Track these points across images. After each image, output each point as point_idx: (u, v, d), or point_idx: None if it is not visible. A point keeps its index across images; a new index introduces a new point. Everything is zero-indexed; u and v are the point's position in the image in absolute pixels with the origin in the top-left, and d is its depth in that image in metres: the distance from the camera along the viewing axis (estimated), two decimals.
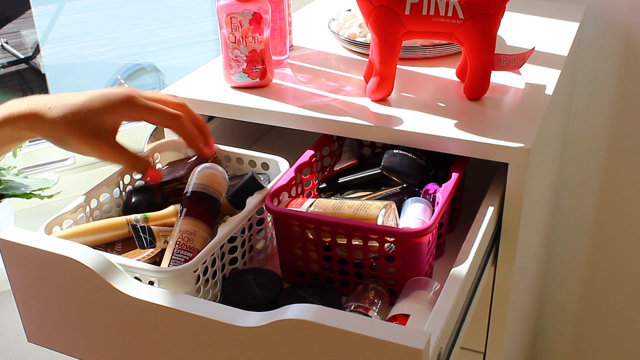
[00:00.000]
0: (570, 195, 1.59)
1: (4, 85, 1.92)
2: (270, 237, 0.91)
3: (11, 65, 1.95)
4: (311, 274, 0.86)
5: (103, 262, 0.71)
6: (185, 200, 0.81)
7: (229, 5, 0.97)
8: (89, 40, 2.11)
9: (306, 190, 0.95)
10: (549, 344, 1.82)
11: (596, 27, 1.40)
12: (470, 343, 1.03)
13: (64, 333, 0.79)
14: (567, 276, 1.69)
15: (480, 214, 0.85)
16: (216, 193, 0.82)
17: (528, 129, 0.89)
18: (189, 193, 0.81)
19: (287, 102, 0.99)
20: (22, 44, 2.02)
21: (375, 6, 0.92)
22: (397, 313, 0.74)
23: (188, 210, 0.79)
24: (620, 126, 1.47)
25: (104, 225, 0.82)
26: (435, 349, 0.64)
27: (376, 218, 0.79)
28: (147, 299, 0.69)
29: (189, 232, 0.77)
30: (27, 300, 0.79)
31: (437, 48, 1.11)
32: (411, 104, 0.97)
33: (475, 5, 0.91)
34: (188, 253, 0.76)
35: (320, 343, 0.62)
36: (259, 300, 0.79)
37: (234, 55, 1.00)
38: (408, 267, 0.80)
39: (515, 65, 1.03)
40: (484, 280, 0.88)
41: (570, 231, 1.63)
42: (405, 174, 0.90)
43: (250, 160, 0.96)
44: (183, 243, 0.76)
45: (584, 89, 1.46)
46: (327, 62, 1.14)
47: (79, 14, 2.19)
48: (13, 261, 0.76)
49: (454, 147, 0.88)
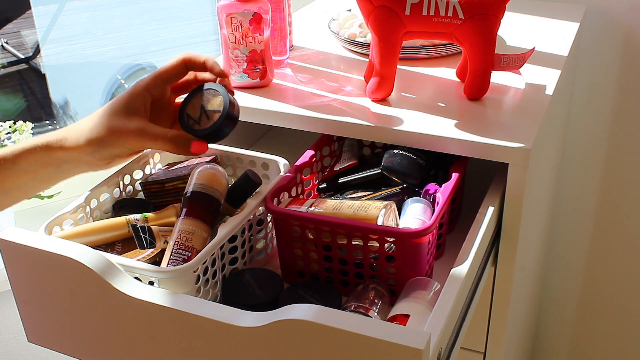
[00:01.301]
0: (570, 195, 1.59)
1: (4, 85, 1.92)
2: (270, 237, 0.91)
3: (11, 65, 1.95)
4: (311, 274, 0.86)
5: (103, 262, 0.71)
6: (186, 201, 0.81)
7: (229, 6, 0.97)
8: (89, 40, 2.11)
9: (306, 190, 0.95)
10: (549, 344, 1.82)
11: (596, 27, 1.40)
12: (470, 343, 1.02)
13: (64, 333, 0.79)
14: (567, 276, 1.69)
15: (480, 214, 0.85)
16: (216, 193, 0.82)
17: (528, 129, 0.89)
18: (188, 193, 0.81)
19: (287, 102, 0.99)
20: (22, 44, 2.02)
21: (375, 6, 0.92)
22: (397, 313, 0.74)
23: (188, 210, 0.79)
24: (620, 126, 1.47)
25: (104, 225, 0.82)
26: (435, 349, 0.64)
27: (376, 218, 0.79)
28: (147, 299, 0.69)
29: (188, 232, 0.77)
30: (27, 300, 0.79)
31: (437, 48, 1.11)
32: (411, 104, 0.97)
33: (475, 5, 0.91)
34: (186, 252, 0.76)
35: (320, 343, 0.62)
36: (259, 300, 0.79)
37: (234, 55, 1.00)
38: (408, 267, 0.80)
39: (515, 65, 1.03)
40: (484, 280, 0.88)
41: (570, 231, 1.63)
42: (405, 174, 0.90)
43: (250, 160, 0.96)
44: (182, 243, 0.76)
45: (584, 89, 1.46)
46: (327, 62, 1.14)
47: (79, 14, 2.19)
48: (13, 261, 0.76)
49: (454, 147, 0.88)
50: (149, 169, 0.97)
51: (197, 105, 0.77)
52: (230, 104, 0.76)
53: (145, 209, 0.87)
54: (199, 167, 0.84)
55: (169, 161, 0.99)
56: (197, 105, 0.77)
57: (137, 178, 0.94)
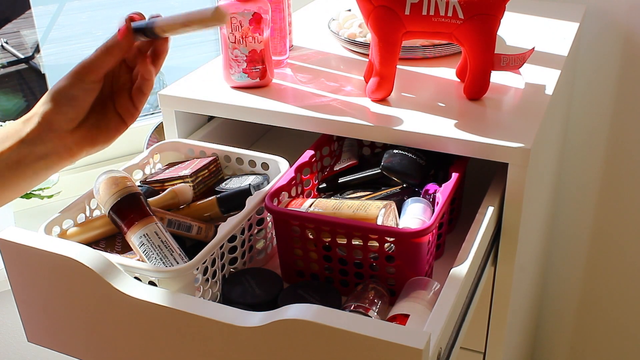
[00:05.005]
0: (570, 195, 1.59)
1: (4, 85, 1.92)
2: (270, 237, 0.91)
3: (11, 65, 1.95)
4: (311, 274, 0.86)
5: (103, 262, 0.71)
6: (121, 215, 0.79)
7: (229, 6, 0.97)
8: (89, 40, 2.11)
9: (306, 190, 0.95)
10: (549, 344, 1.82)
11: (596, 27, 1.40)
12: (470, 343, 1.02)
13: (63, 333, 0.79)
14: (567, 276, 1.69)
15: (480, 214, 0.85)
16: (131, 188, 0.79)
17: (528, 129, 0.89)
18: (114, 205, 0.78)
19: (287, 102, 0.98)
20: (22, 44, 2.02)
21: (375, 6, 0.92)
22: (397, 313, 0.74)
23: (127, 222, 0.78)
24: (620, 126, 1.47)
25: (104, 220, 0.83)
26: (435, 349, 0.64)
27: (376, 218, 0.79)
28: (147, 299, 0.69)
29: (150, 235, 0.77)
30: (27, 300, 0.79)
31: (437, 48, 1.11)
32: (411, 104, 0.97)
33: (475, 5, 0.91)
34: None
35: (320, 343, 0.62)
36: (259, 300, 0.79)
37: (234, 55, 1.00)
38: (408, 267, 0.80)
39: (515, 65, 1.03)
40: (484, 280, 0.88)
41: (570, 231, 1.63)
42: (405, 174, 0.90)
43: (250, 160, 0.96)
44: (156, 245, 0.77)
45: (584, 89, 1.46)
46: (327, 62, 1.14)
47: (79, 14, 2.19)
48: (13, 261, 0.76)
49: (454, 147, 0.88)
50: (149, 169, 0.97)
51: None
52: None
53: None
54: (98, 181, 0.81)
55: (169, 161, 0.99)
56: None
57: (137, 178, 0.94)
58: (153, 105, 1.76)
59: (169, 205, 0.85)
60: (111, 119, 0.74)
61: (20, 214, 1.47)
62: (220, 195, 0.87)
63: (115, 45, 0.71)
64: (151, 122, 1.56)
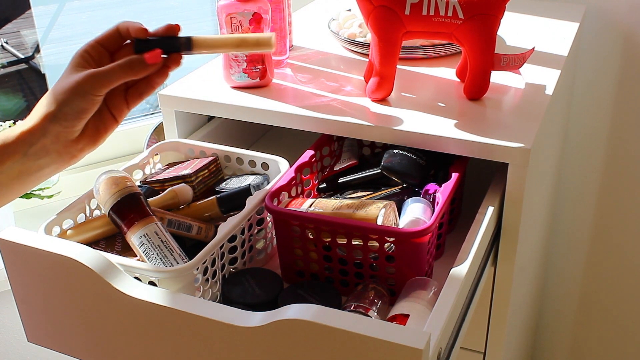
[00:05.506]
0: (570, 195, 1.59)
1: (4, 85, 1.92)
2: (270, 237, 0.91)
3: (11, 65, 1.95)
4: (311, 274, 0.86)
5: (103, 262, 0.71)
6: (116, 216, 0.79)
7: (229, 5, 0.97)
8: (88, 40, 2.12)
9: (306, 190, 0.95)
10: (549, 344, 1.82)
11: (596, 27, 1.40)
12: (470, 343, 1.03)
13: (63, 333, 0.79)
14: (567, 276, 1.69)
15: (480, 214, 0.85)
16: (131, 188, 0.80)
17: (528, 129, 0.89)
18: (113, 209, 0.79)
19: (287, 102, 0.99)
20: (22, 44, 2.02)
21: (375, 6, 0.92)
22: (397, 313, 0.74)
23: (127, 222, 0.78)
24: (620, 126, 1.47)
25: (104, 220, 0.82)
26: (435, 349, 0.64)
27: (376, 218, 0.79)
28: (147, 299, 0.69)
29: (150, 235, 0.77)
30: (27, 300, 0.79)
31: (437, 48, 1.11)
32: (411, 104, 0.97)
33: (475, 5, 0.91)
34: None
35: (320, 343, 0.62)
36: (259, 300, 0.79)
37: (233, 55, 1.00)
38: (408, 267, 0.80)
39: (515, 65, 1.03)
40: (484, 280, 0.88)
41: (570, 231, 1.63)
42: (405, 174, 0.90)
43: (250, 160, 0.96)
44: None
45: (583, 89, 1.46)
46: (327, 62, 1.14)
47: (79, 14, 2.19)
48: (13, 261, 0.76)
49: (454, 147, 0.88)
50: (149, 169, 0.97)
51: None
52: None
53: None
54: (98, 181, 0.82)
55: (169, 161, 0.99)
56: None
57: (137, 178, 0.94)
58: (153, 105, 1.76)
59: (169, 205, 0.85)
60: (105, 118, 0.74)
61: (20, 214, 1.47)
62: (220, 195, 0.87)
63: (140, 66, 0.70)
64: (151, 122, 1.56)
